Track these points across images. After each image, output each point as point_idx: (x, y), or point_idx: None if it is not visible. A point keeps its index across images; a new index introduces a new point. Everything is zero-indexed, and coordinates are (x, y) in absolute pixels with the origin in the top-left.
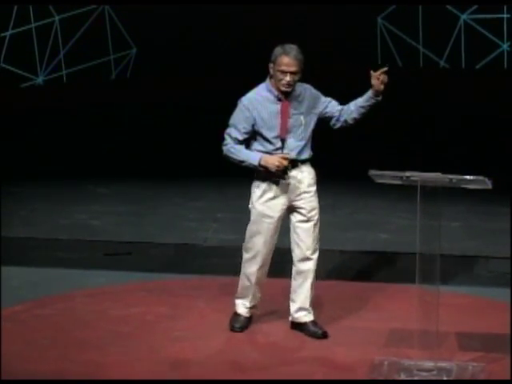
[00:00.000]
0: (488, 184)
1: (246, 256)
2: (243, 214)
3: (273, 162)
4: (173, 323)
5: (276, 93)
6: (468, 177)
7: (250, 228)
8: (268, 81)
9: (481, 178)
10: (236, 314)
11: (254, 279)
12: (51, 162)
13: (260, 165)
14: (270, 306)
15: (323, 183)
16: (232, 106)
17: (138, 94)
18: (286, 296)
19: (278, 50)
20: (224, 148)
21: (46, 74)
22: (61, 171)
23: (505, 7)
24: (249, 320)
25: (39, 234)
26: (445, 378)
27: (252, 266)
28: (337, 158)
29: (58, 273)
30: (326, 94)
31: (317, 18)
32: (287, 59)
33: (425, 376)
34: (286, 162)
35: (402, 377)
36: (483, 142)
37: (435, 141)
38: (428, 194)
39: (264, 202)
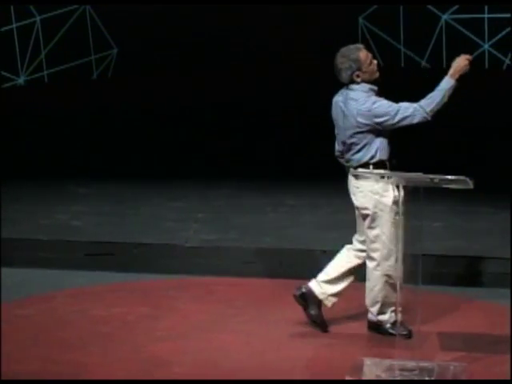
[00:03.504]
0: (469, 184)
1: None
2: (224, 214)
3: (462, 64)
4: (154, 323)
5: (375, 88)
6: (449, 177)
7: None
8: (360, 85)
9: (462, 177)
10: None
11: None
12: (32, 162)
13: (457, 79)
14: (254, 306)
15: (304, 182)
16: (214, 105)
17: (119, 93)
18: (270, 297)
19: (352, 57)
20: (422, 112)
21: (27, 74)
22: (42, 171)
23: (486, 7)
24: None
25: (20, 234)
26: (426, 378)
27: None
28: (318, 157)
29: (39, 273)
30: (309, 93)
31: (297, 18)
32: (362, 51)
33: (406, 376)
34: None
35: (384, 377)
36: (464, 141)
37: (416, 140)
38: (409, 194)
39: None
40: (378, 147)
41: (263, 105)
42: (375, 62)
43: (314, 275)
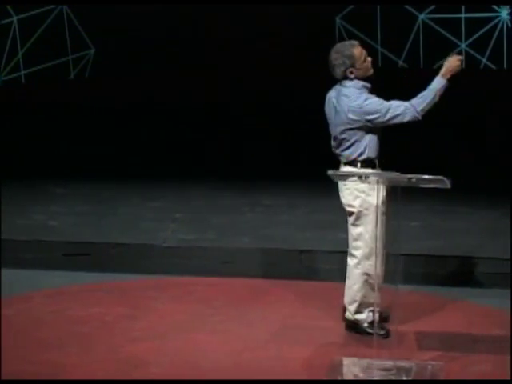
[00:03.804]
0: (447, 183)
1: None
2: (202, 214)
3: (454, 64)
4: (132, 323)
5: (369, 85)
6: (427, 176)
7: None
8: (354, 82)
9: (439, 177)
10: None
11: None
12: (9, 161)
13: (448, 79)
14: (232, 306)
15: (281, 183)
16: (192, 105)
17: (96, 94)
18: (248, 296)
19: (346, 53)
20: (413, 111)
21: (4, 74)
22: (19, 172)
23: (463, 7)
24: None
25: None
26: (404, 378)
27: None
28: (295, 157)
29: (17, 273)
30: (285, 93)
31: (274, 18)
32: (358, 48)
33: (384, 375)
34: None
35: (362, 376)
36: (441, 141)
37: (394, 140)
38: (387, 194)
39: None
40: (367, 145)
41: (240, 106)
42: (369, 59)
43: (291, 274)
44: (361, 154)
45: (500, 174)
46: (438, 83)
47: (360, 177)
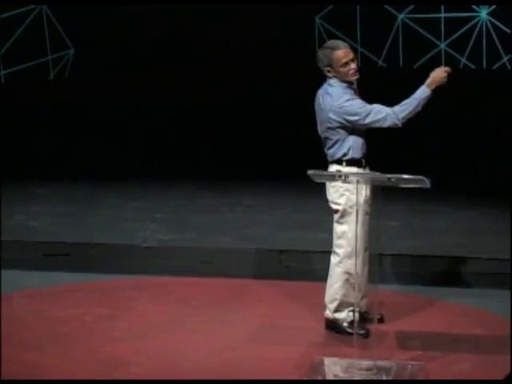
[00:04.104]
0: (426, 183)
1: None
2: (181, 214)
3: (440, 75)
4: (112, 324)
5: (354, 87)
6: (406, 176)
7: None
8: (339, 82)
9: (419, 177)
10: None
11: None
12: None
13: (433, 89)
14: (211, 306)
15: (261, 182)
16: (171, 106)
17: (76, 94)
18: (227, 296)
19: (325, 51)
20: (393, 118)
21: None
22: None
23: (442, 7)
24: None
25: None
26: (384, 377)
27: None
28: (276, 157)
29: None
30: (266, 93)
31: (253, 18)
32: (341, 51)
33: (364, 375)
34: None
35: (342, 376)
36: (421, 141)
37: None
38: (372, 193)
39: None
40: (351, 146)
41: (221, 105)
42: (353, 65)
43: (272, 274)
44: (345, 155)
45: (479, 174)
46: (423, 93)
47: (340, 176)
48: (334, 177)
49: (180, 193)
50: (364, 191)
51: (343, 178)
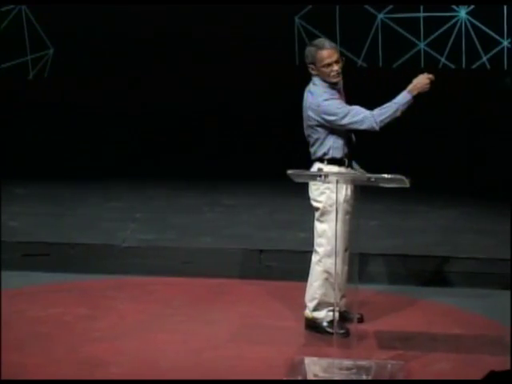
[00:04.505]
0: (406, 183)
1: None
2: (162, 214)
3: (423, 82)
4: (91, 323)
5: (338, 87)
6: (386, 175)
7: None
8: (320, 79)
9: (398, 176)
10: None
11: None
12: None
13: (414, 95)
14: (192, 306)
15: (241, 182)
16: (151, 106)
17: (55, 94)
18: (208, 296)
19: (311, 49)
20: (371, 121)
21: None
22: None
23: (421, 7)
24: None
25: None
26: (364, 377)
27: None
28: (256, 157)
29: None
30: (245, 95)
31: (232, 17)
32: (326, 51)
33: (345, 374)
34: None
35: (322, 376)
36: (401, 141)
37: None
38: (353, 193)
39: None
40: (332, 145)
41: (200, 105)
42: (335, 67)
43: (252, 274)
44: (325, 154)
45: (458, 174)
46: (403, 98)
47: (320, 176)
48: (313, 176)
49: (160, 193)
50: (344, 190)
51: (323, 177)
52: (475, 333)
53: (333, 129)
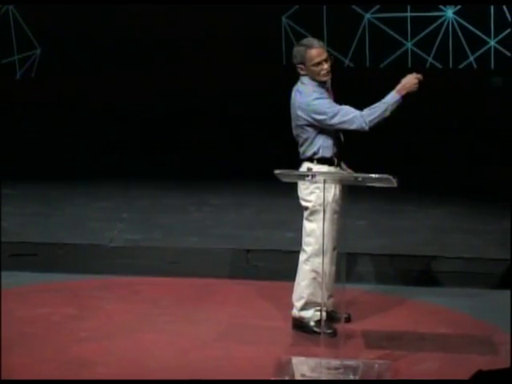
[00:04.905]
0: (393, 182)
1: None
2: (149, 214)
3: (411, 82)
4: (79, 324)
5: (326, 86)
6: (373, 175)
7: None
8: (309, 78)
9: (386, 176)
10: None
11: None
12: None
13: (403, 96)
14: (179, 306)
15: (228, 182)
16: (136, 105)
17: (42, 93)
18: (195, 296)
19: (299, 49)
20: (361, 121)
21: None
22: None
23: (408, 6)
24: None
25: None
26: (351, 376)
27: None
28: (243, 156)
29: None
30: (232, 93)
31: (219, 17)
32: (315, 50)
33: (332, 374)
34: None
35: (309, 375)
36: (387, 140)
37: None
38: (342, 192)
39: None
40: (321, 145)
41: (186, 105)
42: (325, 66)
43: (239, 274)
44: (315, 153)
45: (446, 173)
46: (392, 98)
47: (307, 176)
48: (300, 176)
49: (147, 193)
50: (333, 190)
51: (311, 177)
52: (462, 332)
53: (322, 128)
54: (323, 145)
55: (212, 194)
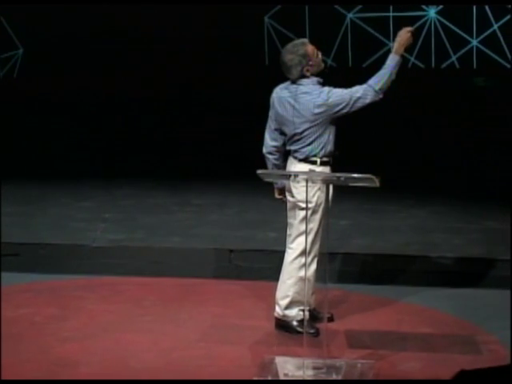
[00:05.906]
0: (376, 182)
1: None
2: (131, 214)
3: (405, 37)
4: (62, 324)
5: (321, 80)
6: (356, 175)
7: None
8: (309, 79)
9: (368, 176)
10: None
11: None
12: None
13: (401, 54)
14: (162, 306)
15: (211, 182)
16: (119, 104)
17: (25, 93)
18: (178, 296)
19: (297, 49)
20: (372, 91)
21: None
22: None
23: (391, 6)
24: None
25: None
26: (334, 376)
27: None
28: (225, 156)
29: None
30: (214, 94)
31: (202, 17)
32: (309, 45)
33: (314, 374)
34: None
35: (292, 375)
36: (371, 139)
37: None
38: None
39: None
40: (327, 141)
41: (170, 104)
42: (320, 53)
43: (221, 274)
44: (322, 149)
45: (429, 173)
46: (392, 60)
47: (289, 176)
48: (283, 176)
49: (130, 192)
50: (328, 190)
51: (293, 177)
52: (445, 332)
53: (330, 124)
54: (328, 140)
55: (194, 194)
